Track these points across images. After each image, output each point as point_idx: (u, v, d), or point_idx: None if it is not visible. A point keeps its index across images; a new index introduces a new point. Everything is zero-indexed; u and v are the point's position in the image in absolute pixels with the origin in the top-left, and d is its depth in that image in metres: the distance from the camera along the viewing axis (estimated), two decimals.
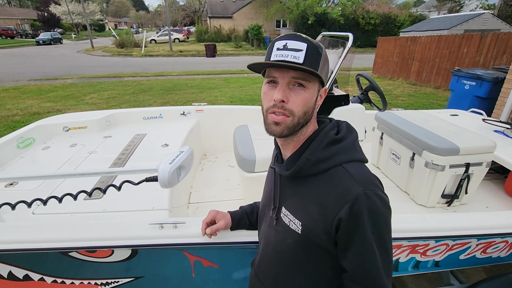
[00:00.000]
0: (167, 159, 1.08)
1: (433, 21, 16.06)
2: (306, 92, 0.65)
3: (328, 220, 0.63)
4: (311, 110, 0.68)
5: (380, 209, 0.62)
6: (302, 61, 0.62)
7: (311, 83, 0.65)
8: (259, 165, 1.71)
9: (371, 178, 0.65)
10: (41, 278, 1.27)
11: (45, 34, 28.71)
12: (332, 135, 0.70)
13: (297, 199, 0.72)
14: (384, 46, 11.00)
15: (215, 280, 1.38)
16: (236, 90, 8.62)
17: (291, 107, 0.65)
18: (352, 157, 0.68)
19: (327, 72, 0.71)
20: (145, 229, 1.11)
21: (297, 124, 0.67)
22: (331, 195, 0.64)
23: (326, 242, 0.66)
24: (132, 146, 2.06)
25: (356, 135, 0.73)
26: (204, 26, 28.41)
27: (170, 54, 18.79)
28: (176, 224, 1.11)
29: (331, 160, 0.67)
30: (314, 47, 0.64)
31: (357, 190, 0.61)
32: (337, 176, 0.65)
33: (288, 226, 0.73)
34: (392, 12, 24.92)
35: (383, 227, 0.63)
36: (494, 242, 1.43)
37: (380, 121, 2.32)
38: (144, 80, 10.51)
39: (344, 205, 0.61)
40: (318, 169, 0.67)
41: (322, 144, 0.68)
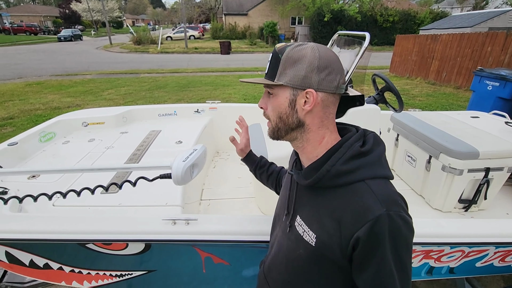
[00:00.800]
0: (180, 156, 1.10)
1: (455, 19, 15.44)
2: (274, 99, 0.69)
3: (345, 237, 0.61)
4: (285, 116, 0.68)
5: (402, 232, 0.58)
6: (266, 71, 0.69)
7: (275, 89, 0.68)
8: None
9: (396, 198, 0.61)
10: (60, 267, 1.33)
11: (66, 31, 29.69)
12: (357, 147, 0.65)
13: (313, 210, 0.69)
14: (403, 44, 10.69)
15: (225, 277, 1.40)
16: (250, 87, 8.62)
17: (268, 114, 0.72)
18: (376, 173, 0.64)
19: (301, 72, 0.64)
20: (158, 224, 1.14)
21: (276, 128, 0.70)
22: (350, 212, 0.61)
23: (340, 258, 0.63)
24: (147, 142, 2.11)
25: (383, 149, 0.69)
26: (219, 23, 28.53)
27: (185, 51, 19.00)
28: (188, 220, 1.14)
29: (353, 174, 0.63)
30: (275, 55, 0.67)
31: (380, 211, 0.57)
32: (358, 192, 0.61)
33: (301, 236, 0.71)
34: (412, 9, 24.12)
35: (404, 249, 0.60)
36: None
37: (396, 122, 2.27)
38: (160, 76, 10.69)
39: (365, 224, 0.58)
40: (338, 183, 0.64)
41: (345, 157, 0.64)
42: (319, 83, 0.64)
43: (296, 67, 0.64)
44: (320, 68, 0.63)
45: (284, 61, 0.65)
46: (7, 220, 1.20)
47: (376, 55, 17.99)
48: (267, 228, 1.19)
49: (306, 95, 0.65)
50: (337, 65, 0.66)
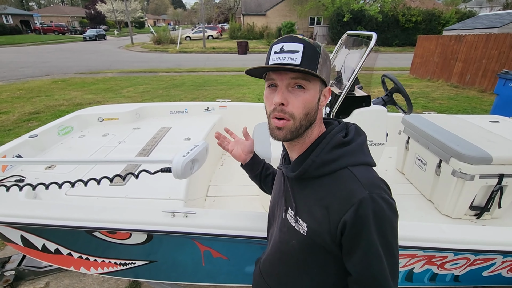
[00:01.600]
0: (182, 152, 1.14)
1: (482, 19, 14.72)
2: (306, 93, 0.64)
3: (333, 223, 0.63)
4: (313, 112, 0.67)
5: (386, 212, 0.60)
6: (299, 62, 0.62)
7: (311, 84, 0.64)
8: (275, 163, 1.72)
9: (378, 182, 0.64)
10: (69, 253, 1.41)
11: (91, 31, 30.95)
12: (339, 138, 0.69)
13: (303, 200, 0.72)
14: (424, 45, 10.34)
15: (224, 271, 1.43)
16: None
17: (291, 110, 0.64)
18: (359, 160, 0.67)
19: (328, 71, 0.69)
20: (159, 216, 1.18)
21: (299, 127, 0.66)
22: (336, 198, 0.63)
23: (331, 245, 0.66)
24: (157, 138, 2.18)
25: (364, 138, 0.72)
26: (237, 24, 28.74)
27: (203, 51, 19.30)
28: (187, 213, 1.17)
29: (336, 162, 0.66)
30: (311, 47, 0.63)
31: (363, 193, 0.60)
32: (343, 178, 0.64)
33: (293, 227, 0.73)
34: (436, 9, 23.23)
35: (389, 231, 0.62)
36: None
37: (407, 125, 2.21)
38: (177, 75, 10.92)
39: (350, 208, 0.60)
40: (323, 171, 0.67)
41: (328, 146, 0.67)
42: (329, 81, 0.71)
43: (327, 65, 0.67)
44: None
45: (322, 56, 0.65)
46: (22, 205, 1.29)
47: (397, 57, 17.48)
48: (264, 224, 1.21)
49: (325, 92, 0.69)
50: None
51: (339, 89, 1.74)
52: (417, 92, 8.15)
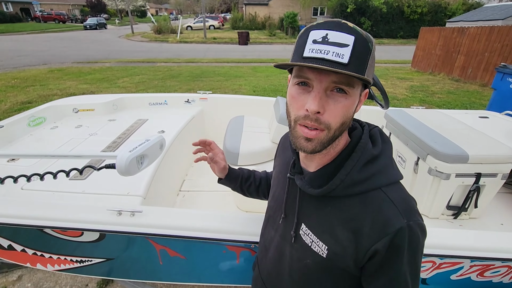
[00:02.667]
0: (128, 146, 1.08)
1: (486, 10, 14.31)
2: (348, 100, 0.52)
3: (361, 249, 0.57)
4: (349, 120, 0.55)
5: (420, 241, 0.57)
6: (347, 60, 0.48)
7: (355, 89, 0.52)
8: (242, 159, 1.67)
9: (412, 204, 0.58)
10: (23, 250, 1.37)
11: (91, 20, 30.62)
12: (370, 150, 0.59)
13: (323, 219, 0.63)
14: (427, 37, 10.09)
15: (182, 270, 1.39)
16: (262, 79, 8.52)
17: (328, 120, 0.52)
18: (391, 178, 0.59)
19: (373, 70, 0.56)
20: (104, 214, 1.13)
21: (332, 138, 0.55)
22: (368, 223, 0.56)
23: (353, 268, 0.61)
24: (130, 130, 2.12)
25: (391, 146, 0.64)
26: (239, 13, 28.28)
27: (204, 41, 19.05)
28: (134, 212, 1.12)
29: (368, 182, 0.57)
30: (364, 41, 0.49)
31: (401, 223, 0.54)
32: (376, 202, 0.57)
33: (309, 246, 0.66)
34: (442, 0, 22.63)
35: (419, 257, 0.58)
36: (493, 265, 1.26)
37: (388, 120, 2.13)
38: (175, 66, 10.80)
39: (384, 237, 0.54)
40: (352, 192, 0.58)
41: (360, 163, 0.58)
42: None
43: (373, 64, 0.54)
44: None
45: (372, 54, 0.52)
46: None
47: (400, 49, 17.13)
48: (216, 224, 1.15)
49: (363, 95, 0.57)
50: None
51: None
52: (417, 85, 7.99)
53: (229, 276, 1.40)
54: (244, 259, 1.31)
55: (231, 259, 1.31)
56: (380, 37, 21.51)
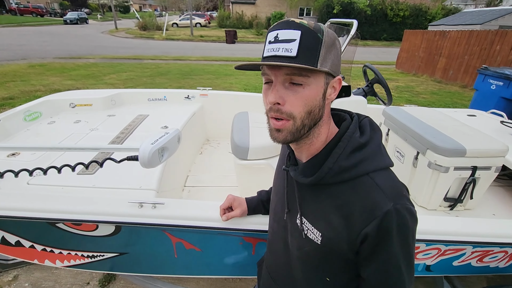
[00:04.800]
0: (149, 139, 1.08)
1: (465, 15, 15.01)
2: (306, 89, 0.55)
3: (353, 233, 0.59)
4: (317, 109, 0.58)
5: (409, 224, 0.58)
6: (295, 53, 0.53)
7: (311, 78, 0.55)
8: (252, 153, 1.69)
9: (400, 189, 0.60)
10: (32, 246, 1.33)
11: (72, 14, 29.51)
12: (356, 139, 0.61)
13: (317, 207, 0.66)
14: (410, 39, 10.46)
15: (197, 263, 1.40)
16: (252, 78, 8.54)
17: (289, 109, 0.56)
18: (379, 164, 0.61)
19: (336, 58, 0.58)
20: (125, 206, 1.12)
21: (301, 127, 0.58)
22: (357, 208, 0.59)
23: (348, 252, 0.63)
24: (132, 126, 2.09)
25: (380, 134, 0.65)
26: (226, 12, 28.10)
27: (190, 39, 18.82)
28: (155, 204, 1.12)
29: (356, 169, 0.60)
30: (311, 33, 0.53)
31: (388, 206, 0.56)
32: (364, 187, 0.59)
33: (306, 235, 0.68)
34: (423, 4, 23.48)
35: (410, 241, 0.60)
36: (492, 251, 1.35)
37: (387, 117, 2.21)
38: (163, 63, 10.62)
39: (372, 221, 0.56)
40: (341, 179, 0.61)
41: (346, 151, 0.60)
42: (339, 69, 0.61)
43: (334, 51, 0.57)
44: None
45: (326, 43, 0.55)
46: None
47: (384, 51, 17.64)
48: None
49: (334, 83, 0.59)
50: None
51: None
52: (402, 86, 8.27)
53: (244, 267, 1.42)
54: (260, 251, 1.34)
55: (247, 250, 1.34)
56: (364, 39, 22.03)
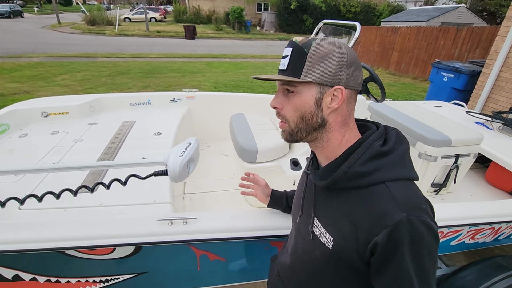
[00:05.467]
0: (176, 151, 1.02)
1: (412, 13, 16.46)
2: (296, 97, 0.63)
3: (362, 242, 0.58)
4: (309, 115, 0.63)
5: (425, 238, 0.55)
6: (286, 67, 0.63)
7: (299, 87, 0.62)
8: (261, 156, 1.69)
9: (419, 202, 0.58)
10: (33, 278, 1.18)
11: (3, 6, 25.95)
12: (377, 147, 0.61)
13: (329, 211, 0.67)
14: (366, 35, 11.14)
15: (220, 272, 1.37)
16: (220, 75, 8.41)
17: (285, 114, 0.66)
18: (398, 174, 0.60)
19: (331, 68, 0.60)
20: (154, 225, 1.05)
21: (296, 130, 0.65)
22: (367, 216, 0.58)
23: (358, 262, 0.61)
24: (121, 134, 1.94)
25: (406, 147, 0.65)
26: (182, 6, 27.05)
27: (147, 35, 17.80)
28: (187, 219, 1.06)
29: (372, 176, 0.59)
30: (298, 49, 0.61)
31: (399, 216, 0.54)
32: (377, 195, 0.58)
33: (318, 238, 0.69)
34: (371, 1, 25.14)
35: (426, 257, 0.57)
36: (483, 229, 1.53)
37: (373, 112, 2.36)
38: (121, 61, 9.92)
39: (382, 230, 0.55)
40: (356, 184, 0.61)
41: (364, 157, 0.61)
42: (347, 80, 0.62)
43: (326, 63, 0.60)
44: (348, 64, 0.61)
45: (311, 56, 0.60)
46: None
47: None
48: (262, 223, 1.16)
49: (334, 92, 0.61)
50: (359, 62, 0.65)
51: None
52: None
53: (267, 270, 1.43)
54: None
55: (272, 254, 1.34)
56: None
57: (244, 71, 9.17)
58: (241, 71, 9.06)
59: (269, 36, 20.75)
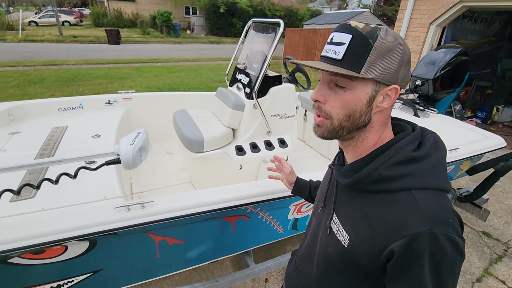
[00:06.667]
0: (126, 140, 1.06)
1: (328, 16, 18.48)
2: (348, 93, 0.56)
3: (377, 248, 0.55)
4: (358, 114, 0.57)
5: (448, 254, 0.51)
6: (341, 57, 0.54)
7: (354, 83, 0.55)
8: (208, 145, 1.79)
9: (446, 215, 0.53)
10: None
11: None
12: (407, 152, 0.57)
13: (349, 211, 0.64)
14: (291, 36, 12.06)
15: (180, 256, 1.42)
16: (152, 79, 8.08)
17: (328, 109, 0.58)
18: (427, 183, 0.55)
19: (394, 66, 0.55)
20: (111, 213, 1.07)
21: (338, 128, 0.59)
22: (385, 222, 0.55)
23: (369, 266, 0.58)
24: (53, 140, 1.81)
25: (443, 154, 0.60)
26: (101, 9, 24.83)
27: (60, 40, 15.85)
28: (144, 204, 1.11)
29: (397, 181, 0.55)
30: (361, 38, 0.54)
31: (421, 228, 0.50)
32: (400, 203, 0.54)
33: (334, 234, 0.66)
34: (293, 6, 27.18)
35: (447, 272, 0.53)
36: None
37: (303, 100, 2.67)
38: (31, 70, 8.68)
39: (400, 239, 0.52)
40: (379, 188, 0.57)
41: (392, 161, 0.56)
42: (403, 79, 0.57)
43: (389, 59, 0.54)
44: (407, 61, 0.57)
45: (377, 49, 0.53)
46: None
47: None
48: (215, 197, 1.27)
49: (388, 91, 0.57)
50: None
51: (254, 72, 1.93)
52: None
53: (224, 248, 1.53)
54: (239, 228, 1.48)
55: (228, 230, 1.46)
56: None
57: (178, 74, 8.99)
58: (174, 75, 8.87)
59: (200, 40, 20.60)
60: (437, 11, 4.60)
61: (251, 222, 1.51)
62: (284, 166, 1.10)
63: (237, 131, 1.99)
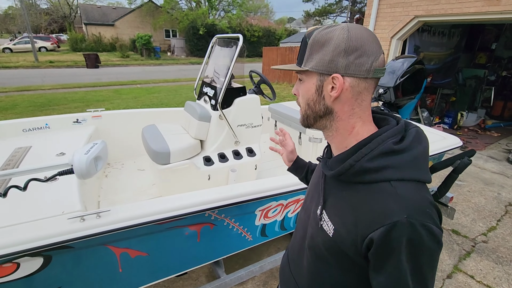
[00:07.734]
0: (81, 151, 1.07)
1: (303, 35, 19.33)
2: (303, 85, 0.67)
3: (360, 236, 0.58)
4: (312, 102, 0.65)
5: (425, 242, 0.54)
6: (297, 56, 0.67)
7: (303, 75, 0.66)
8: (174, 156, 1.80)
9: (424, 206, 0.56)
10: None
11: None
12: (389, 144, 0.59)
13: (336, 202, 0.67)
14: (268, 55, 12.47)
15: (144, 269, 1.39)
16: (131, 101, 8.05)
17: (299, 100, 0.70)
18: (408, 175, 0.58)
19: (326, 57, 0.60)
20: (64, 224, 1.05)
21: (305, 116, 0.68)
22: (367, 212, 0.58)
23: (355, 255, 0.61)
24: (14, 160, 1.76)
25: (424, 148, 0.62)
26: (79, 34, 24.83)
27: (36, 66, 15.61)
28: (100, 213, 1.10)
29: (378, 173, 0.58)
30: (304, 39, 0.65)
31: (399, 216, 0.53)
32: (381, 193, 0.57)
33: (321, 225, 0.69)
34: (271, 27, 28.35)
35: (425, 261, 0.55)
36: None
37: (273, 112, 2.76)
38: (2, 96, 8.45)
39: (380, 227, 0.54)
40: (361, 179, 0.60)
41: (373, 153, 0.59)
42: (347, 67, 0.59)
43: (323, 51, 0.61)
44: (348, 50, 0.59)
45: (310, 45, 0.62)
46: None
47: (249, 66, 19.96)
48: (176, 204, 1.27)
49: (332, 80, 0.61)
50: (370, 47, 0.59)
51: (219, 84, 2.00)
52: None
53: (191, 259, 1.51)
54: (205, 236, 1.48)
55: (193, 239, 1.45)
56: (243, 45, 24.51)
57: (157, 95, 9.02)
58: (154, 95, 8.89)
59: (180, 61, 20.87)
60: (396, 26, 4.97)
61: (218, 230, 1.51)
62: (288, 142, 1.07)
63: (205, 142, 2.03)
